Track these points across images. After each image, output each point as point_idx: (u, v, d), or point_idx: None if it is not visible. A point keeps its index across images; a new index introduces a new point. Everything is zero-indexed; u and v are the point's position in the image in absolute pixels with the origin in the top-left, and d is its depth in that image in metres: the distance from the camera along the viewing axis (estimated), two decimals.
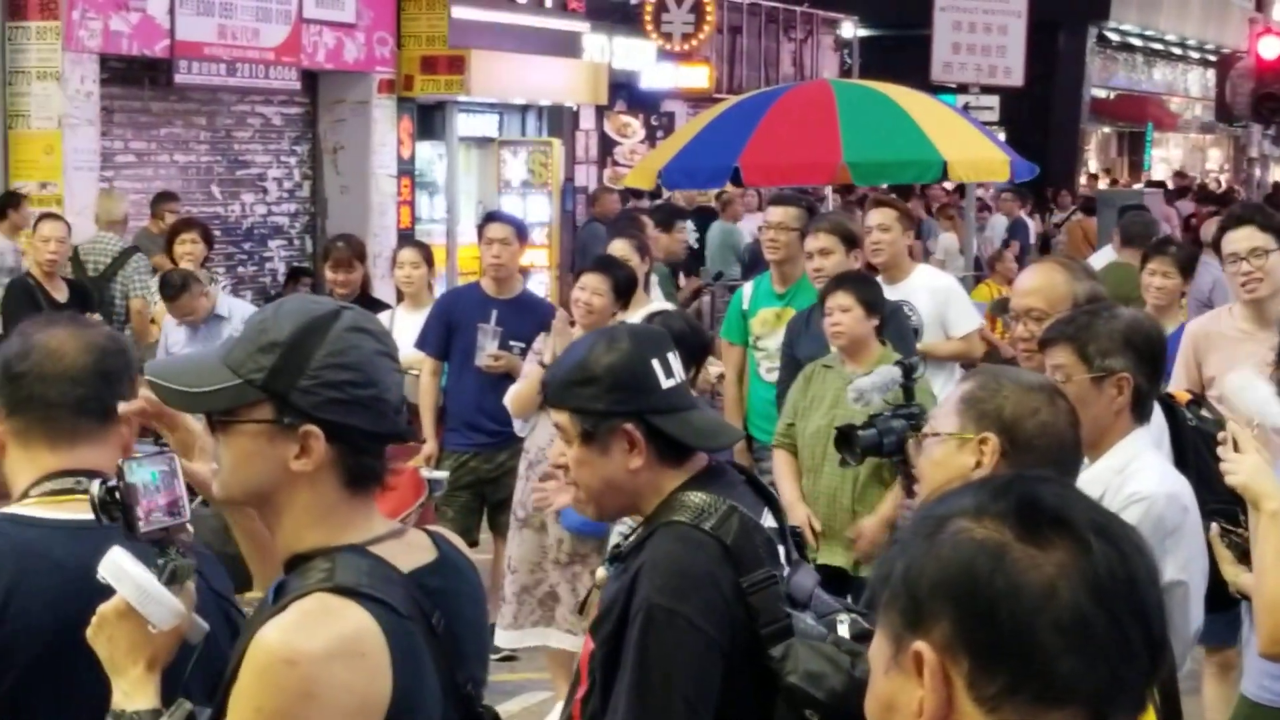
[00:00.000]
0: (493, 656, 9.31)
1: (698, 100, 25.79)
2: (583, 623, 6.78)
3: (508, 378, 8.90)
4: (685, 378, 3.57)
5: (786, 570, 3.42)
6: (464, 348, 9.32)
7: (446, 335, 9.42)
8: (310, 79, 18.83)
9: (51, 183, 15.48)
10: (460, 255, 20.13)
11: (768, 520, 3.48)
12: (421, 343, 9.50)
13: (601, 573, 3.66)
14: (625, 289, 8.26)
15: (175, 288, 9.81)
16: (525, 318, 9.12)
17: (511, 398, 8.42)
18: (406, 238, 17.21)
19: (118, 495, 2.76)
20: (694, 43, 26.24)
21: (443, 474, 9.10)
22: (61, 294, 10.76)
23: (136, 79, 17.01)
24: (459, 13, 19.64)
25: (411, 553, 2.73)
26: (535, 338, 8.49)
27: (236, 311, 10.09)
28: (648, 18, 25.91)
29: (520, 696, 8.98)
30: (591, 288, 8.13)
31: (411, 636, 2.61)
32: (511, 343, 9.15)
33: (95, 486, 2.78)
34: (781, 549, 3.46)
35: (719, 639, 3.31)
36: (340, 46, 18.73)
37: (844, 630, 3.30)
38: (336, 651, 2.52)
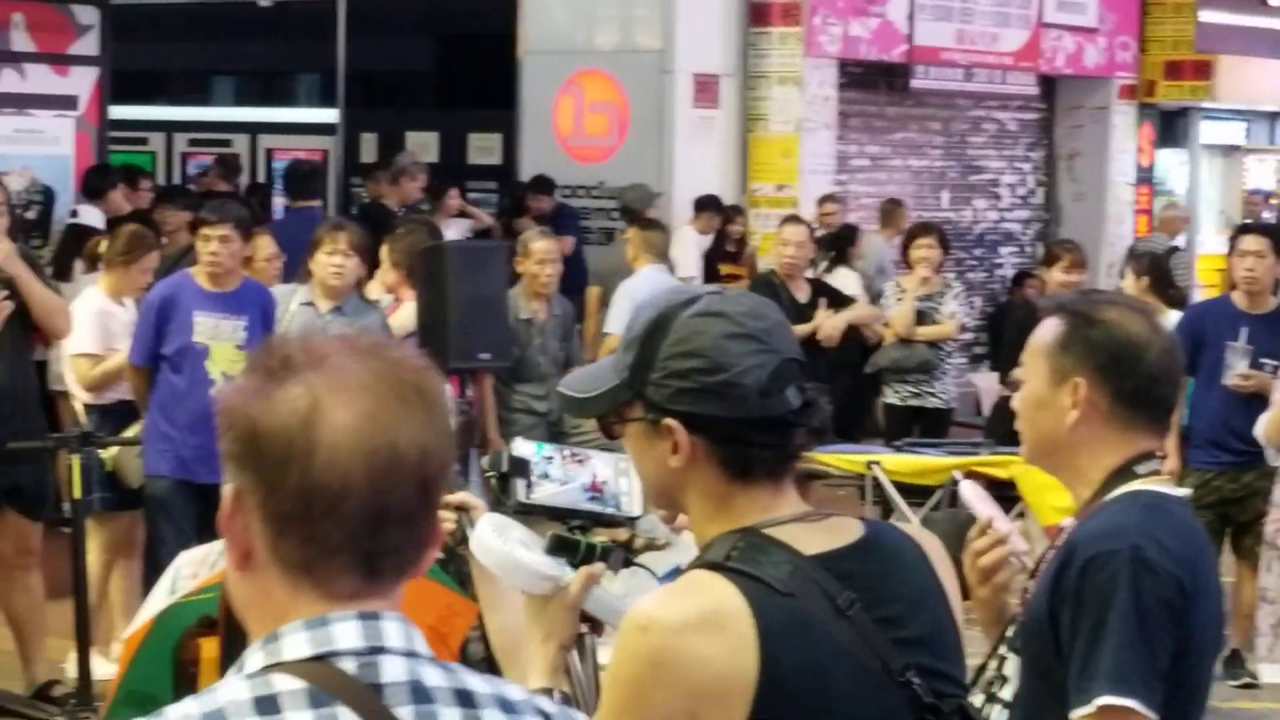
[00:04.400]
0: (1231, 683, 8.89)
1: None
2: None
3: (1258, 397, 8.44)
4: None
5: None
6: (1211, 363, 8.90)
7: (1193, 351, 8.97)
8: (1048, 84, 18.50)
9: (788, 185, 15.68)
10: (1199, 266, 19.39)
11: None
12: None
13: None
14: None
15: None
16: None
17: (1264, 426, 7.97)
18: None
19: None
20: None
21: (1185, 491, 8.64)
22: (803, 294, 10.90)
23: (873, 84, 17.08)
24: (1206, 16, 18.87)
25: (825, 535, 2.61)
26: None
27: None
28: None
29: None
30: None
31: (794, 614, 2.50)
32: (1263, 361, 8.66)
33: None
34: None
35: None
36: (1080, 51, 18.30)
37: None
38: (691, 623, 2.46)
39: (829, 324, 11.11)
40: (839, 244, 13.90)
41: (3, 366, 7.91)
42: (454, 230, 13.51)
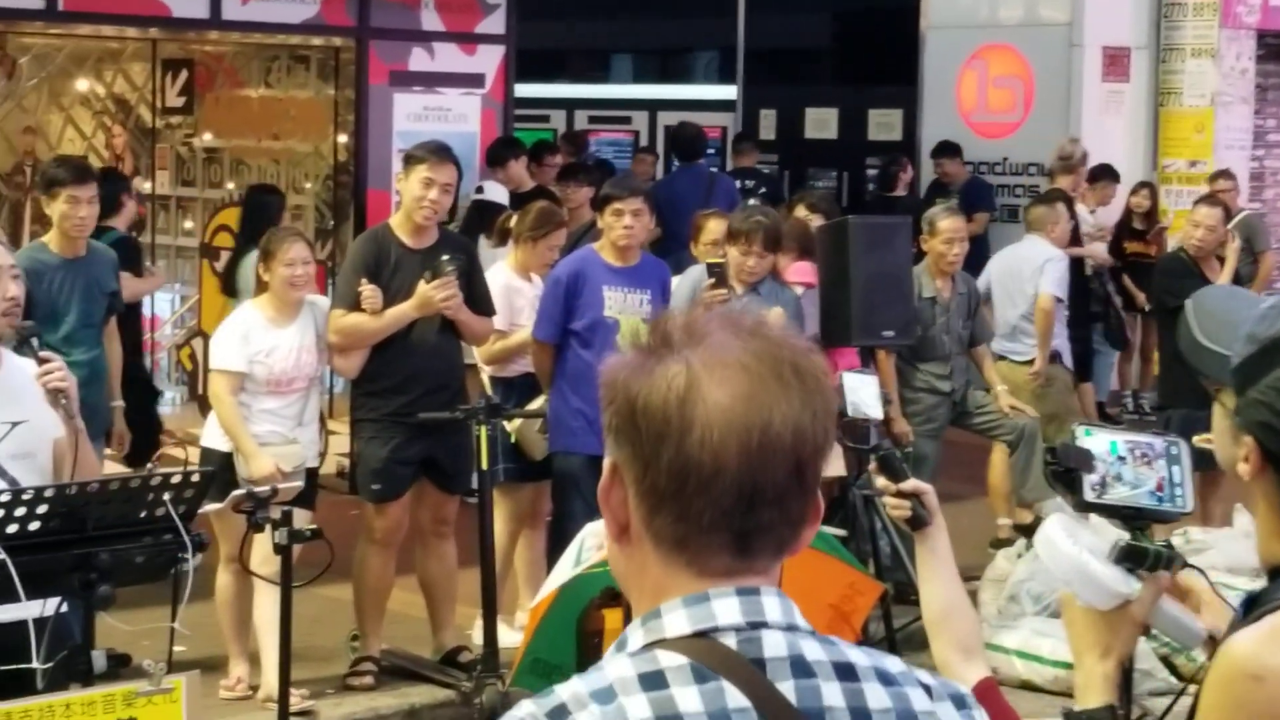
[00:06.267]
0: None
1: None
2: None
3: None
4: None
5: None
6: None
7: None
8: None
9: (1200, 161, 15.17)
10: None
11: None
12: None
13: None
14: None
15: None
16: None
17: None
18: None
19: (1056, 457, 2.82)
20: None
21: None
22: (1217, 275, 10.53)
23: None
24: None
25: None
26: None
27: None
28: None
29: None
30: None
31: None
32: None
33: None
34: None
35: None
36: None
37: None
38: None
39: None
40: None
41: (435, 344, 8.03)
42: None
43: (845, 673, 1.96)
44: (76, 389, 5.23)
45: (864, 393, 7.59)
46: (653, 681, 1.89)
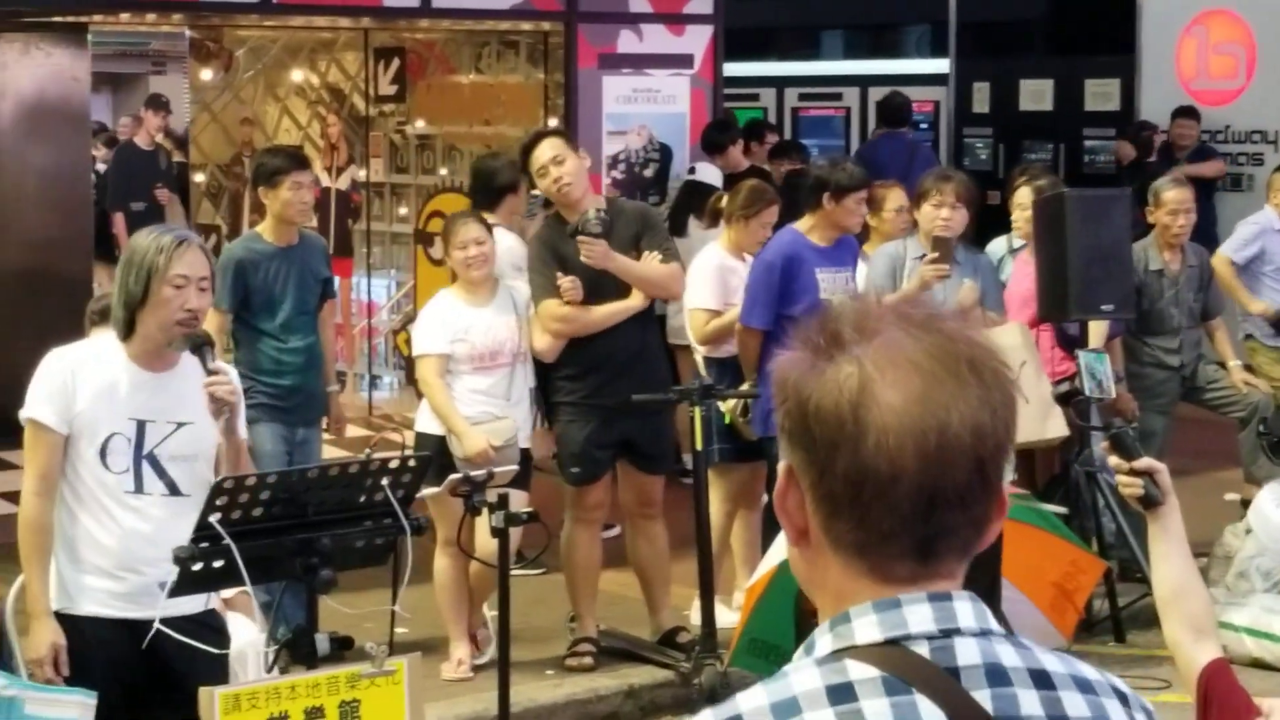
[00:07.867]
0: None
1: None
2: None
3: None
4: None
5: None
6: None
7: None
8: None
9: None
10: None
11: None
12: None
13: None
14: None
15: None
16: None
17: None
18: None
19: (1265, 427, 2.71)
20: None
21: None
22: None
23: None
24: None
25: None
26: None
27: None
28: None
29: None
30: None
31: None
32: None
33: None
34: None
35: None
36: None
37: None
38: None
39: None
40: None
41: (626, 326, 8.00)
42: None
43: (1042, 680, 1.90)
44: (243, 405, 5.24)
45: (1099, 371, 7.51)
46: (840, 695, 1.84)
